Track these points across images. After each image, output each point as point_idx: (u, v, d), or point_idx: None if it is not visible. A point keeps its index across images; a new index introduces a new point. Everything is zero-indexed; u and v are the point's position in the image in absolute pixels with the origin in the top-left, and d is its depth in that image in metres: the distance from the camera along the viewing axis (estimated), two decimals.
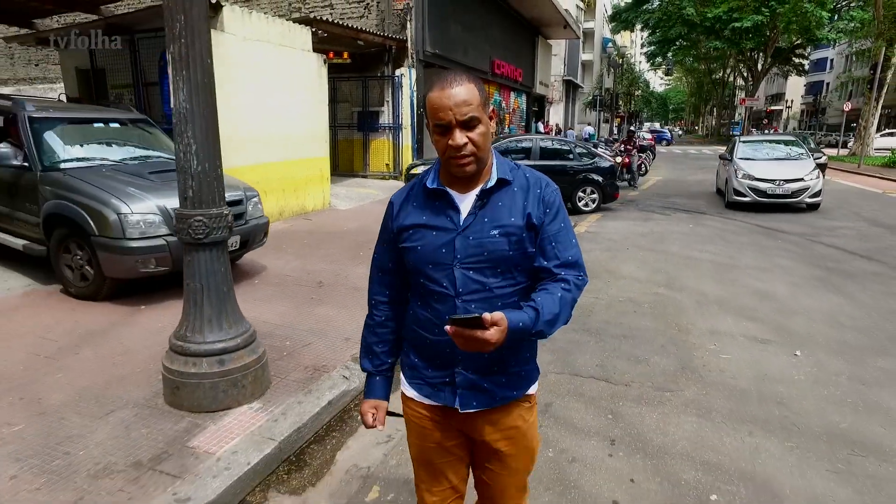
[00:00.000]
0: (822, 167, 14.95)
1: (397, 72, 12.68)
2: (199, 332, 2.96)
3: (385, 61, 12.62)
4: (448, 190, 1.34)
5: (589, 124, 36.60)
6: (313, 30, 8.92)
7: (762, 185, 10.34)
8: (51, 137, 4.89)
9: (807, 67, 48.19)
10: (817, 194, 10.39)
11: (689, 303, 5.05)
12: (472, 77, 1.27)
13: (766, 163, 11.10)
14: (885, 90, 20.53)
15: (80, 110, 5.63)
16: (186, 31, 2.67)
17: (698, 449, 2.78)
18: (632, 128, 20.39)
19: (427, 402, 1.44)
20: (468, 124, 1.23)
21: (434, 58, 13.36)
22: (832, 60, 54.59)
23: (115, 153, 5.30)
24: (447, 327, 1.16)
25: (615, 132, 35.24)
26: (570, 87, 39.41)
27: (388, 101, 12.91)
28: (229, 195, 4.82)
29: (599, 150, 14.74)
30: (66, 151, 4.96)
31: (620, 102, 44.93)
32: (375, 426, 1.51)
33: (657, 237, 8.08)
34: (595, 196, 10.34)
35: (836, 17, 31.83)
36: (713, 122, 63.79)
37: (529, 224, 1.31)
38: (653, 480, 2.54)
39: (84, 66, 8.04)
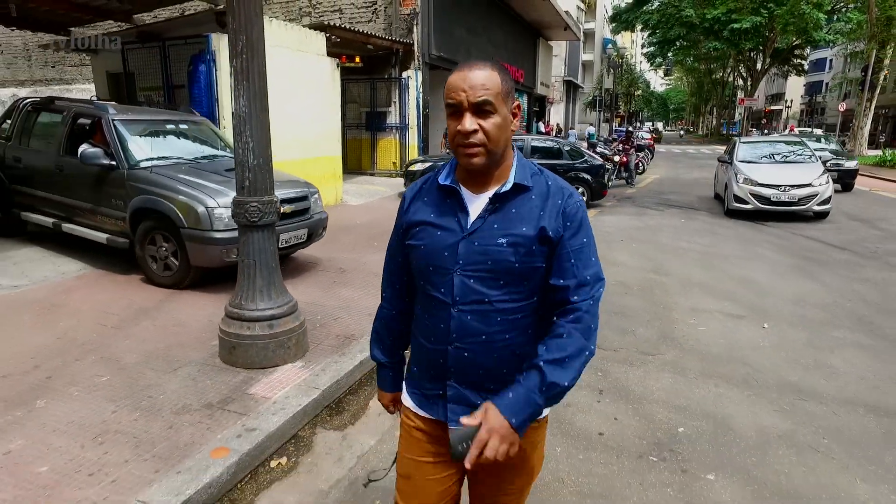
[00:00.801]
0: (850, 173, 13.17)
1: (404, 74, 13.24)
2: (251, 301, 3.51)
3: (392, 64, 13.18)
4: (460, 188, 1.26)
5: (591, 125, 37.24)
6: (327, 35, 9.47)
7: (765, 192, 9.41)
8: (132, 138, 5.30)
9: (806, 68, 48.69)
10: (826, 201, 9.37)
11: (675, 286, 5.61)
12: (499, 66, 1.19)
13: (769, 166, 10.14)
14: (877, 91, 21.02)
15: (151, 113, 6.04)
16: (247, 48, 3.22)
17: (672, 397, 3.33)
18: (630, 128, 20.91)
19: (422, 413, 1.37)
20: (481, 109, 1.14)
21: (439, 60, 13.91)
22: (831, 61, 55.07)
23: (188, 152, 5.69)
24: (461, 455, 1.12)
25: (615, 132, 35.83)
26: (571, 88, 39.98)
27: (395, 102, 13.48)
28: (296, 192, 5.33)
29: (598, 149, 15.26)
30: (147, 151, 5.36)
31: (620, 103, 45.47)
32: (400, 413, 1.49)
33: (650, 230, 8.63)
34: (583, 194, 10.74)
35: (835, 18, 32.36)
36: (713, 122, 64.36)
37: (543, 237, 1.20)
38: (633, 419, 3.09)
39: (115, 70, 8.61)
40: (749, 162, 10.34)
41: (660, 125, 71.37)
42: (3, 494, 2.27)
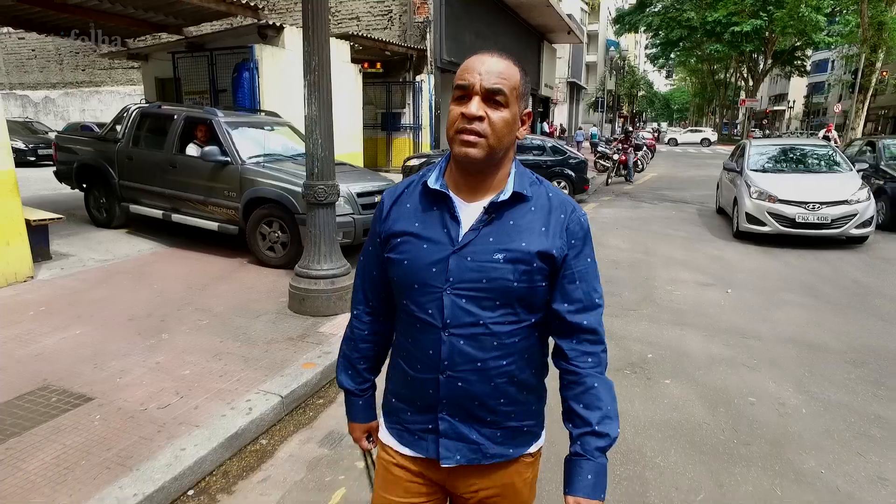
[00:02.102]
0: None
1: (418, 78, 14.23)
2: (317, 263, 4.48)
3: (407, 68, 14.18)
4: (450, 194, 1.13)
5: (594, 125, 38.27)
6: (351, 44, 10.45)
7: (788, 210, 7.26)
8: (238, 138, 6.06)
9: (808, 68, 49.36)
10: (867, 223, 7.22)
11: (658, 263, 6.55)
12: (521, 66, 1.11)
13: (791, 177, 8.01)
14: (869, 93, 21.84)
15: (247, 115, 6.78)
16: (319, 66, 4.19)
17: (645, 336, 4.29)
18: (628, 128, 21.82)
19: (406, 451, 1.22)
20: (492, 97, 1.04)
21: (450, 65, 14.88)
22: (833, 62, 55.71)
23: (282, 149, 6.36)
24: None
25: (617, 132, 36.82)
26: (574, 89, 40.86)
27: (409, 104, 14.48)
28: (382, 184, 6.27)
29: (600, 147, 16.14)
30: (252, 148, 6.08)
31: (622, 103, 46.32)
32: (375, 447, 1.35)
33: (643, 220, 9.56)
34: (566, 188, 11.39)
35: (835, 20, 33.08)
36: (716, 122, 65.10)
37: (546, 255, 1.10)
38: (614, 349, 4.04)
39: (163, 75, 9.62)
40: (764, 171, 8.25)
41: (664, 125, 72.39)
42: (166, 384, 3.25)
